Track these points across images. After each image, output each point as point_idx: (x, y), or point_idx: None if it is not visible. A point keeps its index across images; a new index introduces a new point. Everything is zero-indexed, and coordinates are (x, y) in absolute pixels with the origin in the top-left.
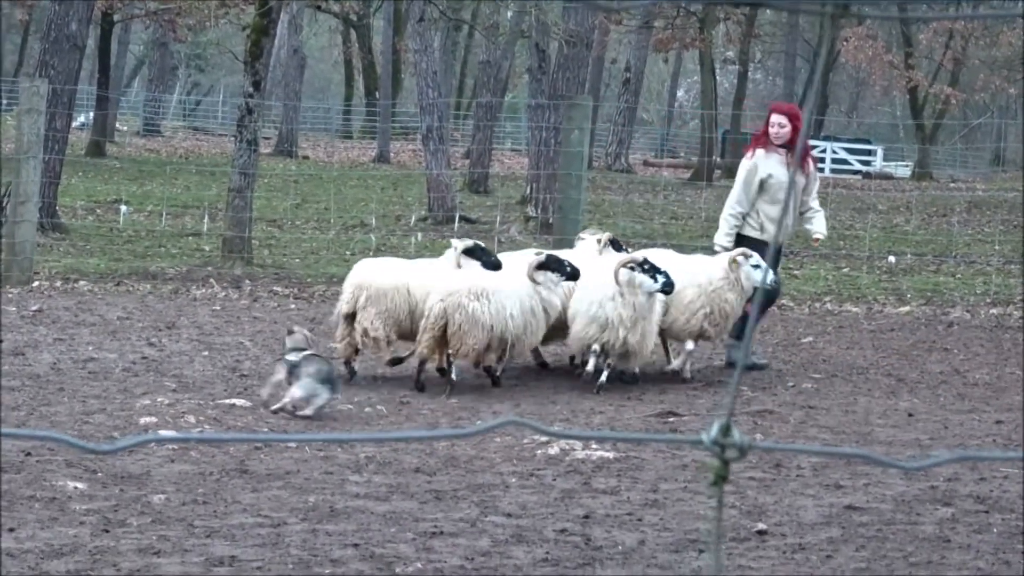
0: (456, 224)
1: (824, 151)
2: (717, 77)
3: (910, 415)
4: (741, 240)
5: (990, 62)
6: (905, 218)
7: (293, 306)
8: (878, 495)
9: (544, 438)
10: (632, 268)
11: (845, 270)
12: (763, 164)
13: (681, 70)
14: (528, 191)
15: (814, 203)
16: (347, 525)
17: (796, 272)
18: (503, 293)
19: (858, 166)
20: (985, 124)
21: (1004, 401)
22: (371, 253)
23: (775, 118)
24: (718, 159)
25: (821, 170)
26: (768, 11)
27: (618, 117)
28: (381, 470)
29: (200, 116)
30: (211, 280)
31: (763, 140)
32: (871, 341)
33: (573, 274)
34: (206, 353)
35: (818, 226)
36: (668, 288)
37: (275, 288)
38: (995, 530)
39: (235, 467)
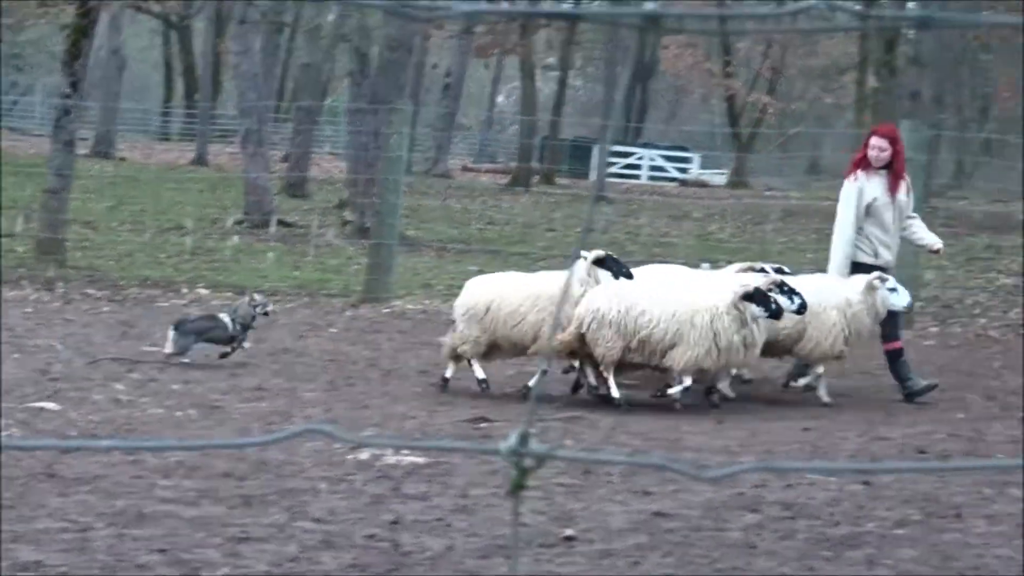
0: (273, 228)
1: (641, 158)
2: (537, 83)
3: (719, 422)
4: (855, 267)
5: (807, 71)
6: (720, 226)
7: (107, 308)
8: (686, 501)
9: (382, 446)
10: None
11: None
12: (868, 187)
13: (502, 75)
14: (346, 195)
15: (913, 216)
16: (154, 530)
17: None
18: (647, 301)
19: (675, 173)
20: (801, 133)
21: (811, 409)
22: (187, 256)
23: (876, 141)
24: (537, 165)
25: (638, 177)
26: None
27: (438, 122)
28: (190, 475)
29: (17, 116)
30: (23, 282)
31: (864, 162)
32: None
33: (776, 314)
34: (16, 355)
35: (929, 238)
36: (803, 309)
37: (88, 290)
38: (801, 536)
39: (42, 471)
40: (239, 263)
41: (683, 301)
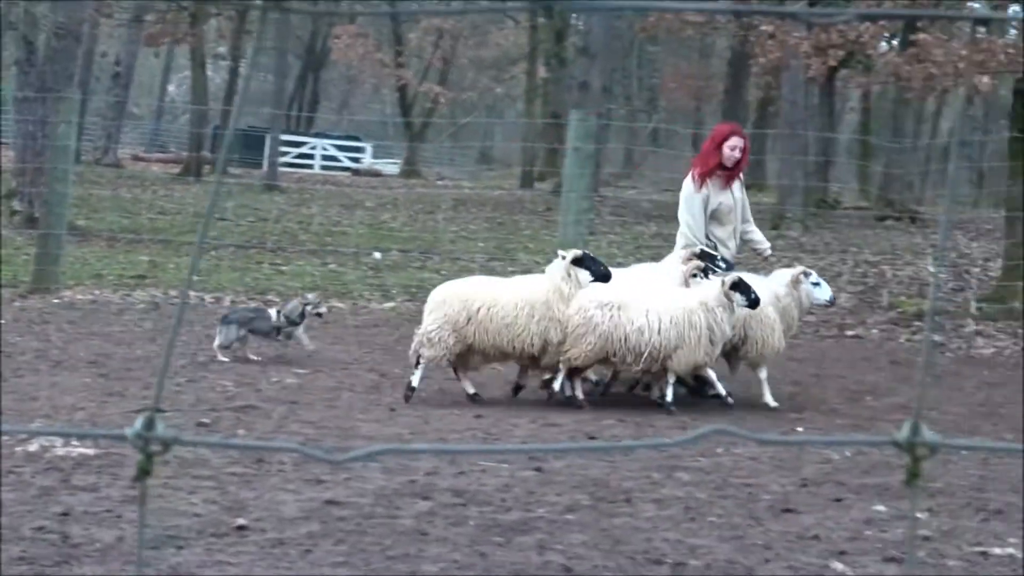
0: None
1: (314, 148)
2: (209, 72)
3: (392, 410)
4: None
5: (478, 62)
6: (392, 215)
7: None
8: (358, 489)
9: (22, 435)
10: (695, 275)
11: (332, 266)
12: (713, 194)
13: (173, 64)
14: (14, 185)
15: (749, 219)
16: None
17: (283, 268)
18: (636, 305)
19: (347, 163)
20: (472, 123)
21: (485, 398)
22: None
23: (736, 141)
24: (208, 154)
25: (311, 167)
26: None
27: (108, 111)
28: None
29: None
30: None
31: (713, 162)
32: (356, 337)
33: (754, 303)
34: None
35: (761, 243)
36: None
37: None
38: (472, 523)
39: None
40: None
41: (676, 303)
